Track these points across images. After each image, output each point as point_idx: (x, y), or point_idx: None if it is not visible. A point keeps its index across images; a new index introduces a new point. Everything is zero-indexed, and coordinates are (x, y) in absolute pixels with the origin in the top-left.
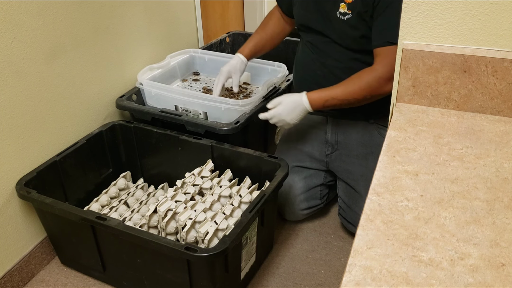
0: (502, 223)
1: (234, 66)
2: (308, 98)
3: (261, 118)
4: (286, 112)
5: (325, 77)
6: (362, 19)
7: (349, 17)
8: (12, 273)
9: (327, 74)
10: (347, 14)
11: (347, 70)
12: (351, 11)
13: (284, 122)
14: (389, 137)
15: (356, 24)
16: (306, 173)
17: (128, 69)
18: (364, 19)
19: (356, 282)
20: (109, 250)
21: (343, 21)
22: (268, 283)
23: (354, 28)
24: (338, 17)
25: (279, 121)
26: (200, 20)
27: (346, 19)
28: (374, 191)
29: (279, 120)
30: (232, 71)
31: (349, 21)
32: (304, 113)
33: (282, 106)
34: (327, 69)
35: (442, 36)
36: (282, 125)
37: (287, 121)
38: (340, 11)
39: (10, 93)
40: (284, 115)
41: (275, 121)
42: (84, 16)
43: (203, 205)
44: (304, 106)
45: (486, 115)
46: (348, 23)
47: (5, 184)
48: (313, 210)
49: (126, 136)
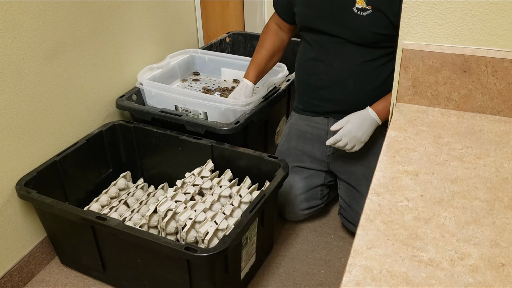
0: (502, 223)
1: (238, 92)
2: (375, 110)
3: (329, 143)
4: (356, 128)
5: (330, 82)
6: (384, 15)
7: (370, 12)
8: (12, 273)
9: (332, 79)
10: (367, 9)
11: (353, 74)
12: (371, 6)
13: (355, 140)
14: (389, 137)
15: (376, 20)
16: (307, 173)
17: (128, 69)
18: (387, 15)
19: (356, 282)
20: (109, 250)
21: (362, 17)
22: (268, 283)
23: (374, 24)
24: (356, 13)
25: (350, 141)
26: (200, 20)
27: (366, 15)
28: (374, 191)
29: (350, 138)
30: (236, 97)
31: (369, 17)
32: (374, 126)
33: (350, 124)
34: (332, 73)
35: (442, 36)
36: (352, 146)
37: (358, 138)
38: (358, 7)
39: (10, 93)
40: (355, 131)
41: (345, 141)
42: (84, 16)
43: (203, 205)
44: (373, 119)
45: (486, 115)
46: (368, 19)
47: (5, 184)
48: (314, 210)
49: (126, 136)
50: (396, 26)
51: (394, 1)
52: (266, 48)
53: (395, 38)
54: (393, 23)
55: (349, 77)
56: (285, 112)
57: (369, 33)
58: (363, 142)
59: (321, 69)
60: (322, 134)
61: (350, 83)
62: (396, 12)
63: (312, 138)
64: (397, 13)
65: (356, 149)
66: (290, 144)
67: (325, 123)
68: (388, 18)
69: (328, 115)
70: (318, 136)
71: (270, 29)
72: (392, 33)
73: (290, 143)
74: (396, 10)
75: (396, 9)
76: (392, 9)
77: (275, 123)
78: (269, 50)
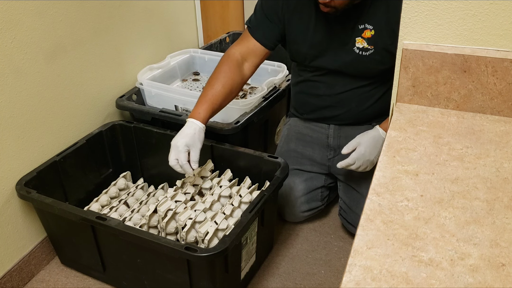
0: (502, 223)
1: (191, 137)
2: (384, 129)
3: (340, 167)
4: (369, 151)
5: (332, 103)
6: (388, 52)
7: (372, 52)
8: (12, 273)
9: (334, 100)
10: (369, 49)
11: (356, 96)
12: (373, 46)
13: (368, 163)
14: (389, 137)
15: (379, 58)
16: (307, 175)
17: (128, 69)
18: (391, 51)
19: (356, 282)
20: (109, 250)
21: (363, 57)
22: (268, 283)
23: (377, 62)
24: (357, 53)
25: (363, 163)
26: (200, 20)
27: (369, 54)
28: (374, 191)
29: (364, 161)
30: (190, 143)
31: (371, 56)
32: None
33: (363, 147)
34: (335, 95)
35: (442, 36)
36: (364, 168)
37: (371, 160)
38: (358, 46)
39: (10, 93)
40: (368, 154)
41: (358, 164)
42: (84, 16)
43: (203, 205)
44: (383, 138)
45: (486, 115)
46: (370, 58)
47: (5, 184)
48: (314, 212)
49: (126, 136)
50: None
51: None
52: (224, 84)
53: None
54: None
55: (352, 99)
56: (285, 112)
57: (371, 70)
58: (374, 162)
59: (321, 90)
60: (322, 137)
61: (352, 104)
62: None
63: (312, 141)
64: None
65: (367, 169)
66: (289, 146)
67: (326, 126)
68: (391, 53)
69: (329, 121)
70: (318, 140)
71: (232, 61)
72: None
73: (289, 145)
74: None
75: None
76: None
77: (275, 123)
78: (227, 87)
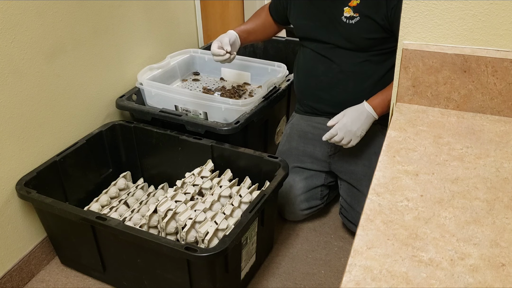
0: (502, 223)
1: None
2: (371, 104)
3: (325, 139)
4: (351, 122)
5: (330, 84)
6: (372, 21)
7: (357, 20)
8: (12, 273)
9: (331, 81)
10: (355, 17)
11: (352, 74)
12: (358, 13)
13: (351, 135)
14: (389, 137)
15: (365, 26)
16: (307, 173)
17: (128, 69)
18: (375, 20)
19: (356, 282)
20: (109, 250)
21: (351, 25)
22: (268, 283)
23: (364, 30)
24: (345, 22)
25: (346, 135)
26: (200, 20)
27: (355, 22)
28: (374, 191)
29: (345, 132)
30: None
31: (358, 24)
32: (370, 120)
33: (345, 117)
34: (331, 75)
35: (442, 36)
36: (348, 141)
37: (353, 132)
38: (346, 15)
39: (10, 93)
40: (350, 125)
41: (341, 135)
42: (84, 16)
43: (203, 205)
44: (369, 113)
45: (486, 115)
46: (357, 26)
47: (5, 184)
48: (313, 210)
49: (126, 136)
50: (387, 29)
51: (381, 5)
52: (260, 20)
53: (388, 40)
54: (382, 26)
55: (348, 78)
56: (285, 112)
57: (360, 39)
58: (359, 136)
59: (320, 71)
60: (323, 134)
61: (350, 83)
62: (384, 15)
63: (314, 138)
64: (386, 16)
65: (353, 144)
66: (291, 145)
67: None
68: (376, 23)
69: (330, 115)
70: (320, 136)
71: (267, 14)
72: (384, 36)
73: (291, 143)
74: (384, 13)
75: (384, 12)
76: (379, 13)
77: (275, 123)
78: (261, 25)
